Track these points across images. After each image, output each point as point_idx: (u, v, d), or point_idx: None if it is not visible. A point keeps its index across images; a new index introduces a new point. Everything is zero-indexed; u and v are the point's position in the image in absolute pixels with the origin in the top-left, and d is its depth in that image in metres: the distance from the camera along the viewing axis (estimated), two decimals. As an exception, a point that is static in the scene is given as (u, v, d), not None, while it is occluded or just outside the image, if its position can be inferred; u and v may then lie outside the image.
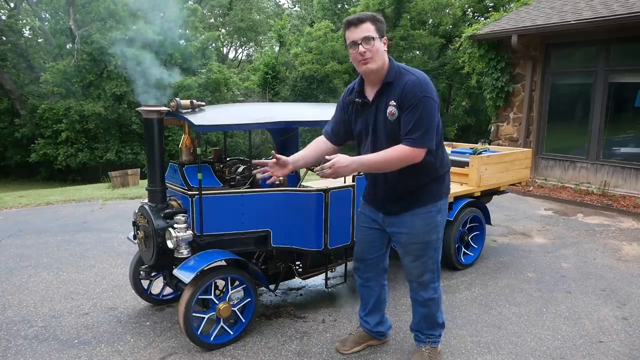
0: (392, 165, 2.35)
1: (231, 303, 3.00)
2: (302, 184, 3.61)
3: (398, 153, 2.31)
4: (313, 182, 4.32)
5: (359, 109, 2.55)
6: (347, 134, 2.68)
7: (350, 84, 2.67)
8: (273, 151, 2.41)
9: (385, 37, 2.39)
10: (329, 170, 2.24)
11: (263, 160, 2.44)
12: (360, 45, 2.32)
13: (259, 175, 2.50)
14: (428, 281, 2.65)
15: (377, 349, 3.00)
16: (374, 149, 2.46)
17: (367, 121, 2.51)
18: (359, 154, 2.57)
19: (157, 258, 3.00)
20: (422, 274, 2.64)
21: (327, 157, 2.26)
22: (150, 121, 2.96)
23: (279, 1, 37.93)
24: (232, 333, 3.04)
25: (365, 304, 2.95)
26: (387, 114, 2.39)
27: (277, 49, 26.67)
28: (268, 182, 2.48)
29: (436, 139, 2.42)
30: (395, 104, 2.36)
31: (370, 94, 2.50)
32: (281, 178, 3.35)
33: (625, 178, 7.64)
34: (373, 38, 2.32)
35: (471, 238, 4.47)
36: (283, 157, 2.45)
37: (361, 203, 2.85)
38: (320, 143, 2.71)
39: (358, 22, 2.33)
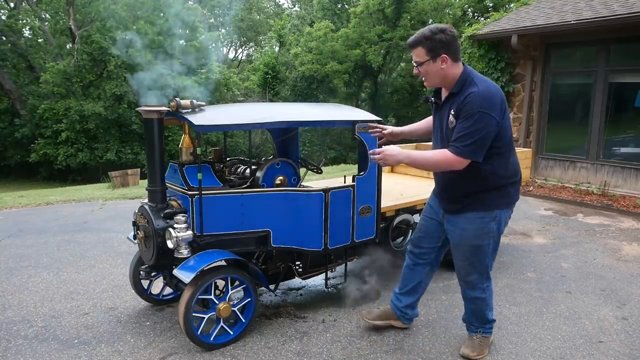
0: (433, 167, 2.56)
1: (231, 303, 3.00)
2: (302, 184, 3.61)
3: (441, 157, 2.46)
4: (313, 182, 4.32)
5: (435, 107, 2.73)
6: None
7: None
8: (385, 126, 2.73)
9: (443, 55, 2.45)
10: (378, 156, 2.48)
11: (378, 125, 2.75)
12: (416, 67, 2.56)
13: (372, 135, 2.80)
14: (475, 282, 2.77)
15: (377, 348, 3.00)
16: (435, 148, 2.70)
17: (438, 120, 2.70)
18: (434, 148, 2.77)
19: (157, 258, 3.00)
20: (469, 274, 2.76)
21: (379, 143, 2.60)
22: (150, 121, 2.96)
23: (279, 1, 37.93)
24: (232, 333, 3.04)
25: (405, 283, 3.10)
26: (449, 122, 2.52)
27: (277, 49, 26.67)
28: (379, 142, 2.84)
29: (500, 149, 2.50)
30: (454, 113, 2.48)
31: (444, 96, 2.65)
32: (281, 177, 3.36)
33: (625, 178, 7.64)
34: (422, 63, 2.50)
35: (471, 238, 4.46)
36: (394, 129, 2.84)
37: (431, 194, 3.01)
38: (429, 120, 2.96)
39: (411, 47, 2.55)
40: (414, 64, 2.56)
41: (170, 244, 2.91)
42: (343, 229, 3.34)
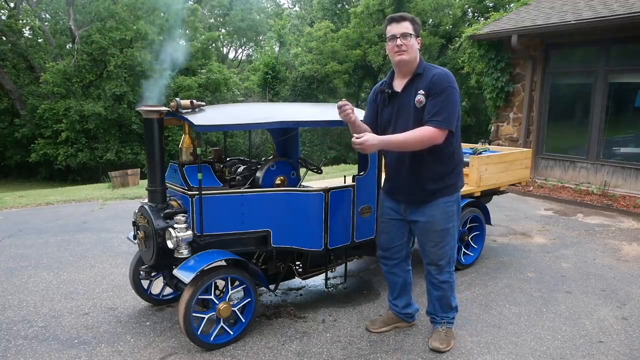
0: (416, 144, 2.59)
1: (231, 303, 3.00)
2: (302, 184, 3.61)
3: (423, 132, 2.57)
4: (313, 182, 4.32)
5: (386, 99, 2.84)
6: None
7: (379, 82, 2.98)
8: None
9: (419, 38, 2.74)
10: (358, 145, 2.45)
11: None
12: (398, 39, 2.66)
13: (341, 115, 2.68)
14: (445, 265, 2.89)
15: (377, 348, 3.00)
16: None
17: (393, 110, 2.80)
18: None
19: (157, 258, 3.00)
20: (441, 258, 2.87)
21: (357, 135, 2.48)
22: (150, 121, 2.96)
23: (279, 1, 37.93)
24: (232, 333, 3.04)
25: (392, 289, 3.20)
26: (416, 102, 2.67)
27: (277, 49, 26.66)
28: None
29: (456, 131, 2.70)
30: (423, 92, 2.66)
31: (399, 85, 2.79)
32: (281, 177, 3.36)
33: (625, 178, 7.64)
34: (410, 35, 2.67)
35: (471, 238, 4.47)
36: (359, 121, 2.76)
37: (382, 196, 3.10)
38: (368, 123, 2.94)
39: (400, 19, 2.70)
40: (401, 35, 2.64)
41: (170, 244, 2.91)
42: (343, 229, 3.34)
